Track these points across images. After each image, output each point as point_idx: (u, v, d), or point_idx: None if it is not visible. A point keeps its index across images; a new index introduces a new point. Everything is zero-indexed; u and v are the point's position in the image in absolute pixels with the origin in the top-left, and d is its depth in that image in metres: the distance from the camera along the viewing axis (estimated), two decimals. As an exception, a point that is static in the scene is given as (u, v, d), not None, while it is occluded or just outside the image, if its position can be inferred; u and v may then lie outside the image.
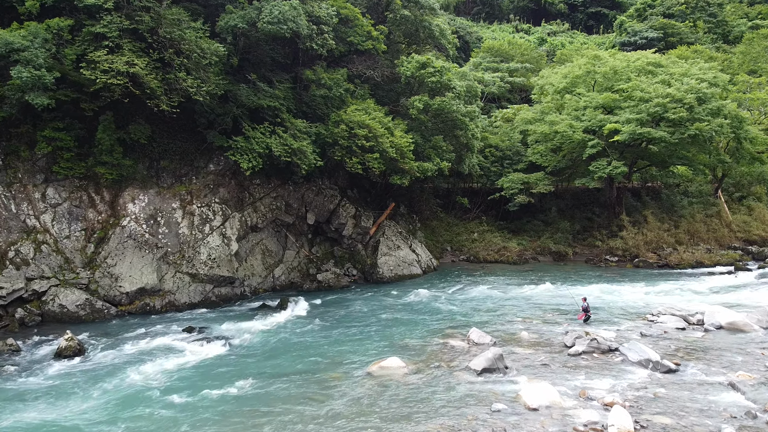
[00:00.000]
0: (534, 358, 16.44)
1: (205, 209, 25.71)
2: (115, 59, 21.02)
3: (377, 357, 16.56)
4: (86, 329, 20.37)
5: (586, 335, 17.92)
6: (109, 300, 22.75)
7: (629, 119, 33.48)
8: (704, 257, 35.53)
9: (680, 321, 20.42)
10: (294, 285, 27.74)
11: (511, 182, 37.86)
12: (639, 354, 16.18)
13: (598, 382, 14.39)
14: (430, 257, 33.91)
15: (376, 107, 28.67)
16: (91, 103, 22.72)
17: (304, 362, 16.59)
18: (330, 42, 26.07)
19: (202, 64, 22.36)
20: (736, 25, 69.39)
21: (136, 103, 22.77)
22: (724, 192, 44.50)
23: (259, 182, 27.93)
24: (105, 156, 23.59)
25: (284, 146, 24.07)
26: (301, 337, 19.25)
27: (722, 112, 33.76)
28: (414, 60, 29.66)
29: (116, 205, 24.54)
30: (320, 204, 30.16)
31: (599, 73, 37.95)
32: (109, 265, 23.22)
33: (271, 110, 24.94)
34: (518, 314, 22.08)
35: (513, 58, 57.30)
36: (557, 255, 37.61)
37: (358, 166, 26.67)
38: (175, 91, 22.25)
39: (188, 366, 16.13)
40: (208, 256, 24.78)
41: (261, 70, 26.18)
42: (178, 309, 23.38)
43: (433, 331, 19.68)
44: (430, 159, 30.28)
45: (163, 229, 24.56)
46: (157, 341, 18.64)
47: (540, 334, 18.99)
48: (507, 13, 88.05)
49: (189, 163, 26.14)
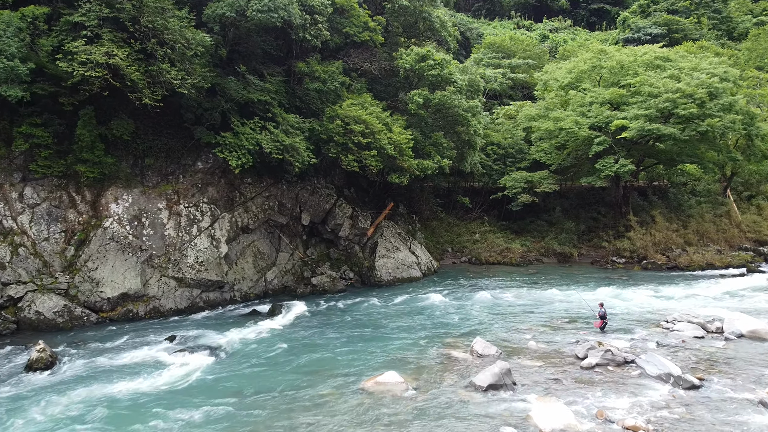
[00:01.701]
0: (544, 371, 15.11)
1: (193, 209, 24.35)
2: (93, 50, 19.74)
3: (373, 370, 15.24)
4: (63, 338, 19.14)
5: (599, 345, 16.60)
6: (90, 306, 21.41)
7: (637, 115, 32.19)
8: (715, 259, 34.26)
9: (698, 329, 19.23)
10: (287, 289, 26.37)
11: (514, 181, 36.58)
12: (658, 367, 14.91)
13: (616, 401, 13.08)
14: (430, 259, 32.56)
15: (374, 102, 27.23)
16: (71, 98, 21.41)
17: (293, 376, 15.25)
18: (324, 33, 24.66)
19: (188, 56, 21.01)
20: (740, 22, 68.34)
21: (119, 97, 21.47)
22: (733, 191, 43.20)
23: (251, 181, 26.56)
24: (85, 153, 22.27)
25: (275, 142, 22.68)
26: (291, 347, 17.90)
27: (734, 108, 32.45)
28: (413, 52, 28.18)
29: (98, 205, 23.19)
30: (315, 204, 28.81)
31: (605, 68, 36.63)
32: (89, 268, 21.86)
33: (261, 105, 23.53)
34: (524, 321, 20.78)
35: (515, 54, 55.90)
36: (562, 256, 36.34)
37: (355, 163, 25.30)
38: (158, 84, 20.93)
39: (166, 382, 14.76)
40: (195, 259, 23.43)
41: (252, 62, 24.79)
42: (163, 315, 22.06)
43: (433, 340, 18.33)
44: (431, 156, 28.85)
45: (148, 231, 23.21)
46: (136, 352, 17.31)
47: (549, 344, 17.67)
48: (508, 10, 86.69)
49: (176, 161, 24.76)
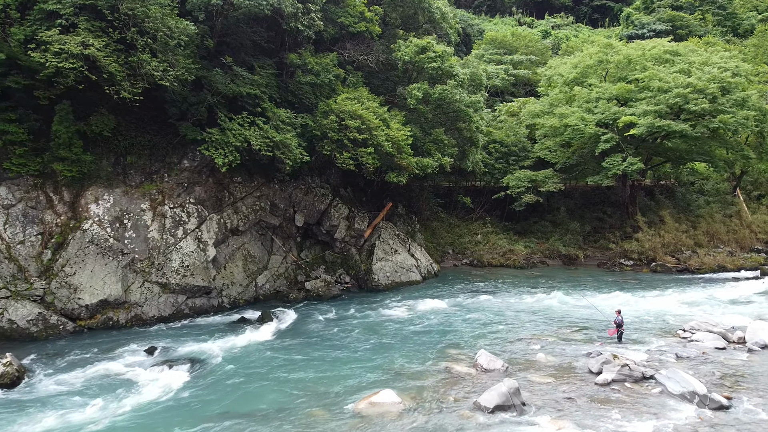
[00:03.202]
0: (555, 389, 13.73)
1: (179, 210, 22.96)
2: (68, 39, 18.36)
3: (367, 388, 13.87)
4: (36, 349, 17.78)
5: (614, 359, 15.22)
6: (67, 314, 20.01)
7: (646, 111, 30.84)
8: (726, 261, 32.98)
9: (718, 339, 17.92)
10: (279, 294, 24.96)
11: (517, 180, 35.22)
12: (681, 384, 13.55)
13: (637, 425, 11.74)
14: (430, 262, 31.17)
15: (370, 96, 25.78)
16: (46, 91, 20.06)
17: (280, 394, 13.87)
18: (318, 23, 23.25)
19: (170, 45, 19.59)
20: (745, 18, 67.00)
21: (98, 91, 20.08)
22: (742, 190, 41.82)
23: (241, 180, 25.17)
24: (62, 151, 20.85)
25: (265, 139, 21.26)
26: (279, 360, 16.52)
27: (747, 104, 31.09)
28: (412, 44, 26.73)
29: (77, 206, 21.79)
30: (310, 204, 27.42)
31: (612, 63, 35.28)
32: (67, 273, 20.46)
33: (251, 99, 22.11)
34: (531, 330, 19.42)
35: (517, 50, 54.49)
36: (567, 258, 35.02)
37: (350, 161, 23.89)
38: (139, 77, 19.52)
39: (139, 403, 13.35)
40: (180, 263, 22.03)
41: (241, 54, 23.36)
42: (145, 323, 20.68)
43: (434, 352, 16.95)
44: (430, 154, 27.41)
45: (130, 233, 21.82)
46: (111, 365, 15.93)
47: (559, 356, 16.30)
48: (509, 6, 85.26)
49: (160, 159, 23.35)
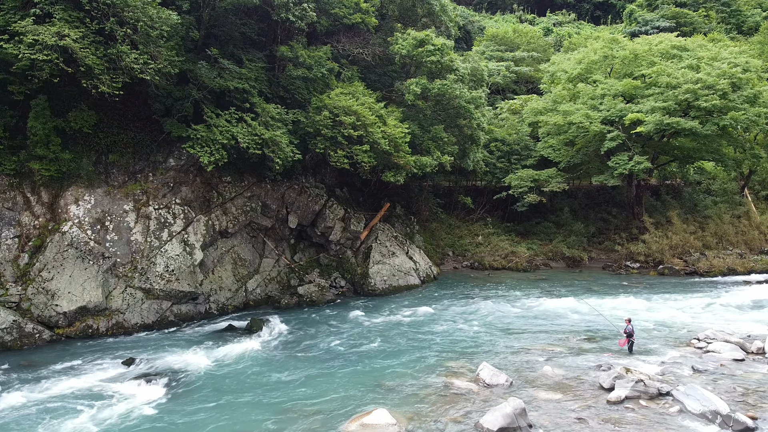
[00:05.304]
0: (564, 408, 12.57)
1: (164, 212, 21.80)
2: (42, 30, 17.20)
3: (360, 406, 12.71)
4: (8, 360, 16.61)
5: (626, 373, 14.06)
6: (44, 321, 18.85)
7: (654, 108, 29.65)
8: (736, 263, 31.78)
9: (736, 349, 16.78)
10: (271, 300, 23.78)
11: (519, 180, 34.02)
12: (701, 403, 12.40)
13: (656, 451, 10.55)
14: (429, 264, 30.01)
15: (366, 92, 24.59)
16: (21, 86, 18.85)
17: (264, 415, 12.69)
18: (310, 14, 22.07)
19: (152, 36, 18.43)
20: (750, 15, 66.10)
21: (77, 85, 18.91)
22: (750, 190, 40.63)
23: (230, 180, 24.01)
24: (40, 149, 19.72)
25: (253, 136, 20.09)
26: (266, 374, 15.35)
27: (759, 101, 29.92)
28: (410, 37, 25.51)
29: (56, 207, 20.64)
30: (303, 205, 26.26)
31: (618, 58, 34.11)
32: (44, 279, 19.30)
33: (239, 93, 20.94)
34: (536, 339, 18.26)
35: (518, 46, 53.31)
36: (571, 261, 33.85)
37: (345, 160, 22.71)
38: (119, 70, 18.36)
39: (110, 425, 12.19)
40: (165, 267, 20.87)
41: (229, 47, 22.21)
42: (127, 331, 19.51)
43: (432, 364, 15.78)
44: (429, 152, 26.22)
45: (112, 236, 20.67)
46: (84, 380, 14.78)
47: (567, 369, 15.14)
48: (510, 3, 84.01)
49: (144, 158, 22.18)
